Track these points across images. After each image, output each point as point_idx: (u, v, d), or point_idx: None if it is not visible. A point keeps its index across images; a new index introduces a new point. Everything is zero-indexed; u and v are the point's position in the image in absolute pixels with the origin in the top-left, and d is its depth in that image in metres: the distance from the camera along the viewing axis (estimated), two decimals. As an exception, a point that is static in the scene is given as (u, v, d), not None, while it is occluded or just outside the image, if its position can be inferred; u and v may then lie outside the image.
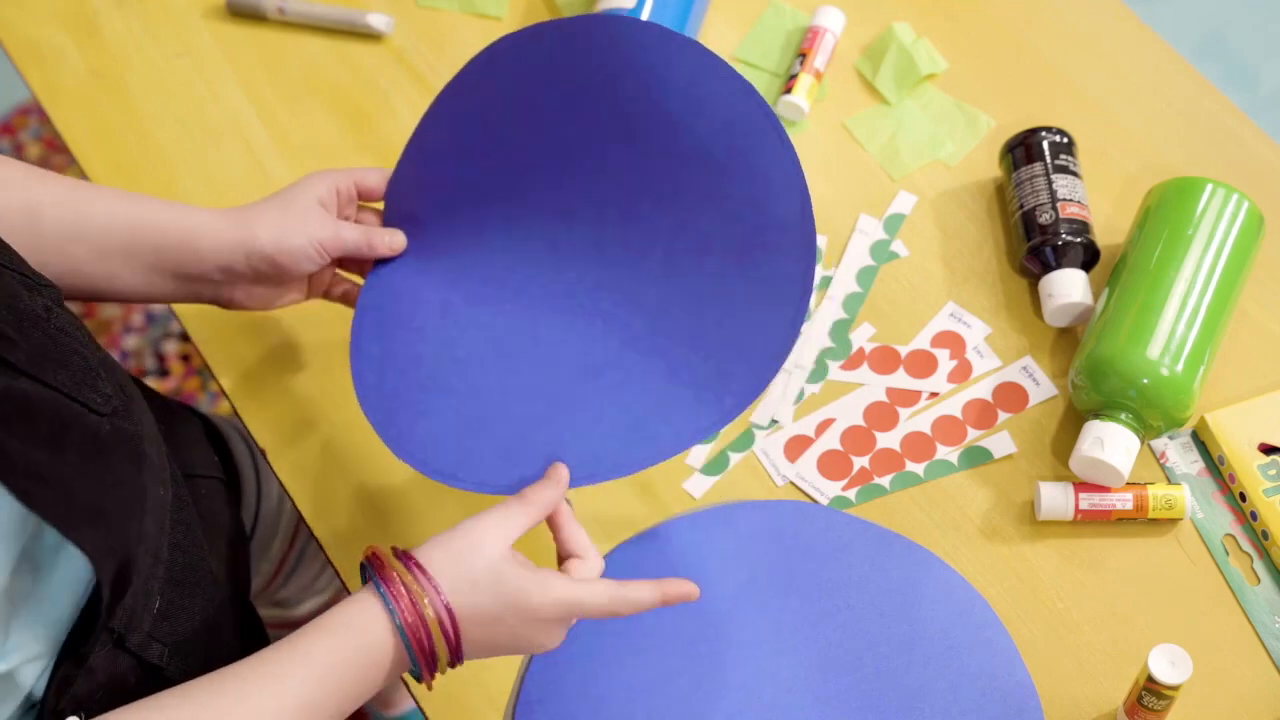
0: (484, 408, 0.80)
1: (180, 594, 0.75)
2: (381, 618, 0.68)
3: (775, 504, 0.87)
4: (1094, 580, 0.85)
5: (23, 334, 0.63)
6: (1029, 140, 0.95)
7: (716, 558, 0.86)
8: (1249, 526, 0.86)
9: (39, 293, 0.69)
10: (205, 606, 0.77)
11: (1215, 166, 0.98)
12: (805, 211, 0.76)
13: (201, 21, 1.08)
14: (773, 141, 0.77)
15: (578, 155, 0.81)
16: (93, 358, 0.69)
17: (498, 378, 0.80)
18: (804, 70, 1.02)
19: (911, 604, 0.83)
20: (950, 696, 0.80)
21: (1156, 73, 1.04)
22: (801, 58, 1.02)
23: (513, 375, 0.80)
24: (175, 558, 0.74)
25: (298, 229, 0.80)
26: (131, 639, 0.69)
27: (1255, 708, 0.80)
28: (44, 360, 0.64)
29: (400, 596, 0.68)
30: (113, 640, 0.67)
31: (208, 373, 0.96)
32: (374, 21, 1.07)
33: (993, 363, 0.92)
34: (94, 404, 0.66)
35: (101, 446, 0.66)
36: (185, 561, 0.76)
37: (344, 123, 1.04)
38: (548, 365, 0.80)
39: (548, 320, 0.81)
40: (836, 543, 0.86)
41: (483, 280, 0.83)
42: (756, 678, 0.81)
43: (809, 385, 0.92)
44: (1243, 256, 0.89)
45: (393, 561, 0.70)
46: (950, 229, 0.98)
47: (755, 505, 0.87)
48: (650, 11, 0.99)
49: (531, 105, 0.81)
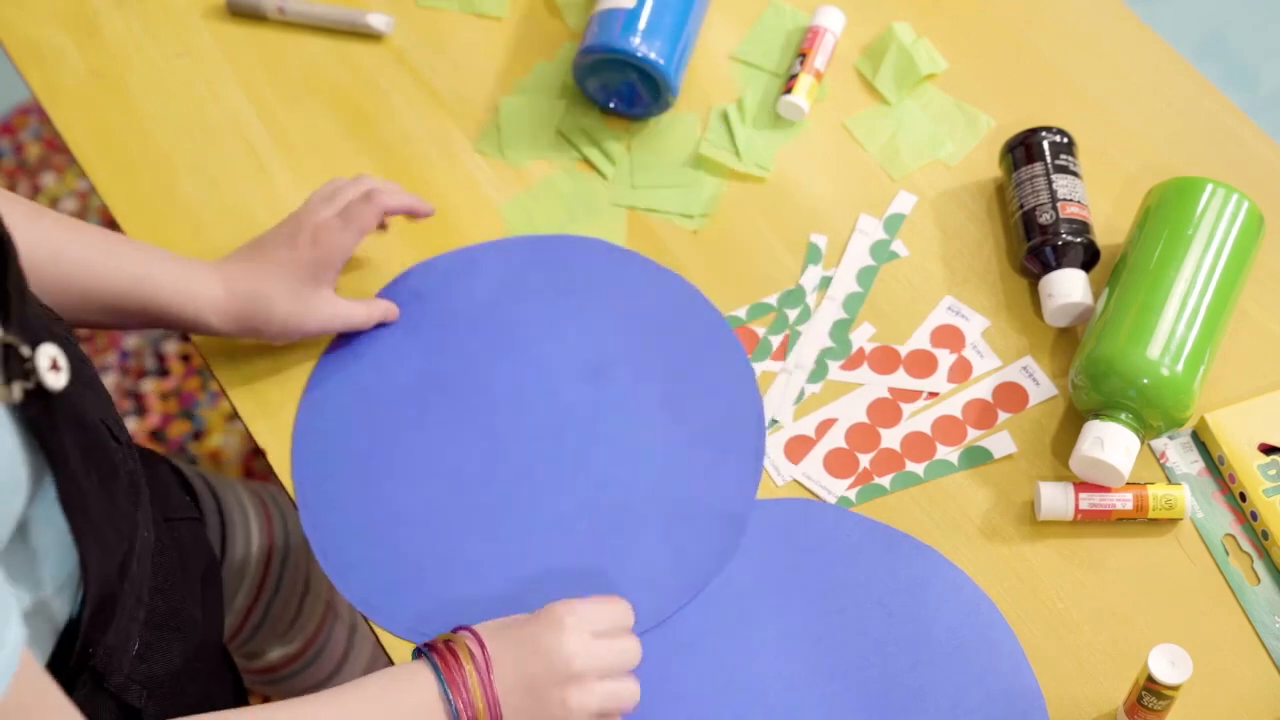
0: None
1: (159, 637, 0.75)
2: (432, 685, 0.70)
3: (783, 503, 0.87)
4: (1094, 580, 0.85)
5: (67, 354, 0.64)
6: (1029, 140, 0.95)
7: (717, 558, 0.86)
8: (1249, 526, 0.86)
9: (54, 316, 0.70)
10: (184, 649, 0.77)
11: (1215, 166, 0.98)
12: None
13: (201, 21, 1.08)
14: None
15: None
16: (103, 390, 0.70)
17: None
18: (804, 70, 1.02)
19: (918, 604, 0.83)
20: (956, 698, 0.80)
21: (1156, 73, 1.04)
22: (801, 58, 1.02)
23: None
24: (156, 601, 0.75)
25: (307, 319, 0.87)
26: (112, 680, 0.69)
27: (1255, 708, 0.80)
28: (83, 383, 0.65)
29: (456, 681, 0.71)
30: (92, 680, 0.67)
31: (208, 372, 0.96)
32: (374, 21, 1.06)
33: (993, 363, 0.92)
34: (116, 432, 0.67)
35: (114, 474, 0.66)
36: (166, 606, 0.76)
37: (344, 123, 1.04)
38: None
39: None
40: (844, 542, 0.86)
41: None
42: (762, 676, 0.81)
43: (809, 385, 0.92)
44: (1243, 256, 0.89)
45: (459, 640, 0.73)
46: (950, 229, 0.98)
47: (763, 504, 0.87)
48: (650, 11, 0.99)
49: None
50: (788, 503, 0.87)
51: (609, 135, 1.02)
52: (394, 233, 0.98)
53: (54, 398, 0.58)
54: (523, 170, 1.01)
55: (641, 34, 0.98)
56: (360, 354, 0.93)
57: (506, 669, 0.72)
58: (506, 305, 0.94)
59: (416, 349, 0.93)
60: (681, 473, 0.88)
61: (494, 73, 1.06)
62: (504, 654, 0.72)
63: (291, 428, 0.91)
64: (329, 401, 0.91)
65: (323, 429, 0.90)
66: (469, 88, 1.05)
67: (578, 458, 0.88)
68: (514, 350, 0.92)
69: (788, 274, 0.96)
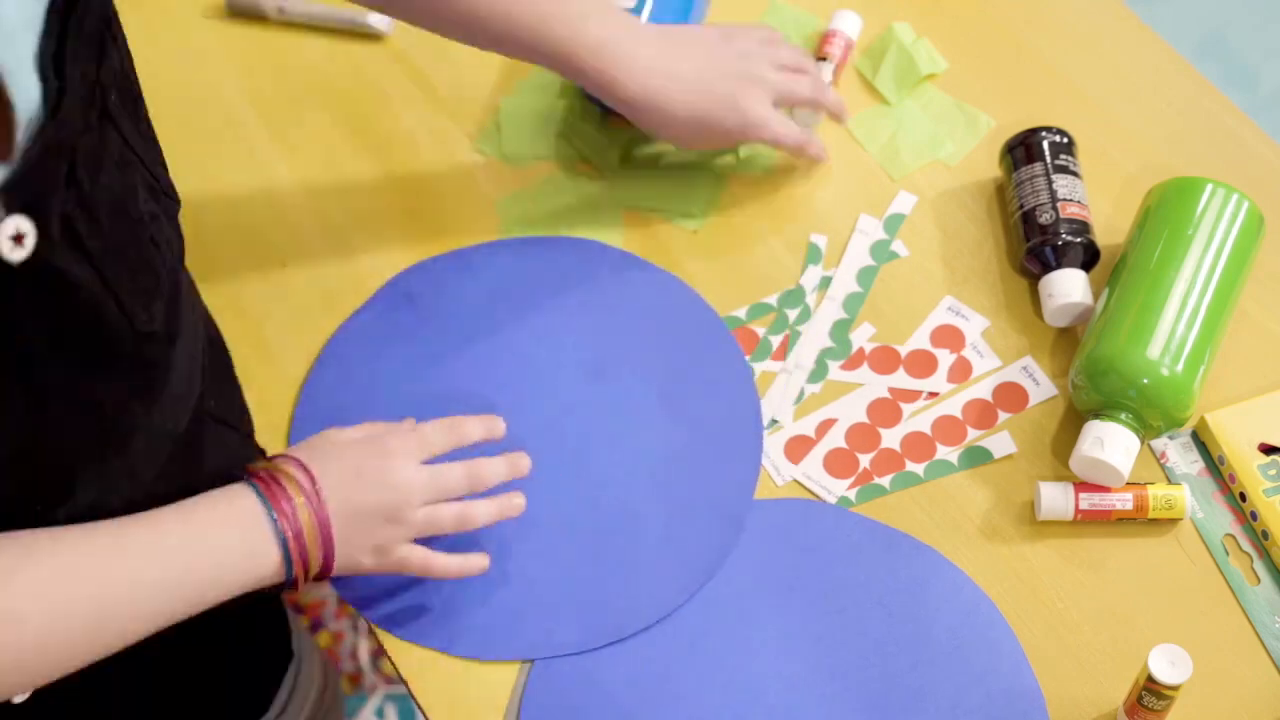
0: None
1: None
2: (260, 516, 0.72)
3: (783, 503, 0.87)
4: (1094, 580, 0.85)
5: (113, 227, 0.63)
6: (1029, 140, 0.95)
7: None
8: (1249, 526, 0.86)
9: (156, 199, 0.69)
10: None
11: (1215, 166, 0.98)
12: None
13: (201, 21, 1.08)
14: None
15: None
16: (166, 280, 0.69)
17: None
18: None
19: (918, 605, 0.83)
20: (956, 698, 0.80)
21: (1156, 73, 1.04)
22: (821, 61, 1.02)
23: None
24: (158, 487, 0.73)
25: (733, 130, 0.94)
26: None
27: (1255, 708, 0.80)
28: (117, 258, 0.63)
29: (283, 506, 0.72)
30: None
31: (208, 373, 0.96)
32: (374, 21, 1.07)
33: (993, 363, 0.92)
34: (139, 320, 0.66)
35: (125, 358, 0.66)
36: (168, 494, 0.74)
37: (344, 123, 1.04)
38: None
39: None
40: (844, 542, 0.86)
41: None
42: (762, 676, 0.81)
43: (809, 385, 0.92)
44: (1243, 256, 0.89)
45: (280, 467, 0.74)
46: (950, 229, 0.98)
47: (763, 504, 0.87)
48: (650, 12, 0.99)
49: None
50: (787, 503, 0.87)
51: (609, 135, 1.02)
52: (393, 233, 0.98)
53: (12, 271, 0.56)
54: (522, 170, 1.01)
55: (641, 34, 0.98)
56: (357, 359, 0.92)
57: (333, 496, 0.74)
58: (505, 306, 0.94)
59: (414, 350, 0.93)
60: (679, 473, 0.88)
61: (494, 73, 1.06)
62: (329, 478, 0.75)
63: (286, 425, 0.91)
64: (326, 405, 0.91)
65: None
66: (469, 88, 1.05)
67: (576, 458, 0.88)
68: (512, 351, 0.92)
69: (788, 274, 0.96)
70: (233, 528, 0.72)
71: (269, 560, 0.72)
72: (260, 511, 0.72)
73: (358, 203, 1.00)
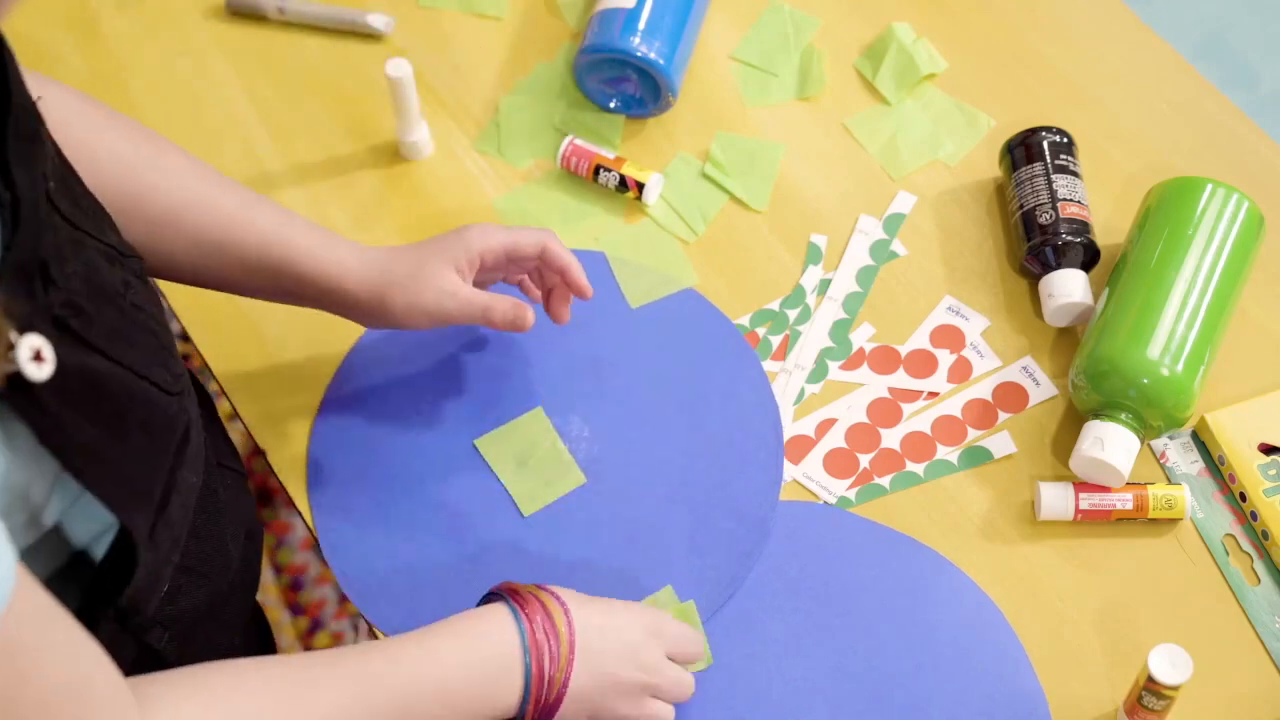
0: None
1: (189, 580, 0.75)
2: (510, 629, 0.72)
3: (786, 505, 0.87)
4: (1094, 580, 0.85)
5: (99, 309, 0.62)
6: (1029, 140, 0.95)
7: (717, 558, 0.86)
8: (1249, 526, 0.86)
9: (120, 265, 0.68)
10: (210, 593, 0.77)
11: (1215, 166, 0.98)
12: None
13: (201, 21, 1.08)
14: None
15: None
16: (164, 336, 0.69)
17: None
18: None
19: (921, 607, 0.83)
20: (958, 699, 0.80)
21: (1156, 73, 1.04)
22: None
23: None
24: (191, 545, 0.74)
25: (427, 301, 0.83)
26: (134, 620, 0.69)
27: (1255, 708, 0.80)
28: (116, 337, 0.63)
29: (534, 615, 0.72)
30: (116, 618, 0.67)
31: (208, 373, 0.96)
32: (374, 21, 1.07)
33: (993, 363, 0.92)
34: (164, 383, 0.66)
35: (162, 426, 0.66)
36: (200, 550, 0.75)
37: (344, 123, 1.04)
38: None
39: None
40: (847, 544, 0.86)
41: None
42: (766, 678, 0.81)
43: (809, 385, 0.92)
44: (1243, 256, 0.89)
45: (530, 588, 0.74)
46: (950, 229, 0.98)
47: (757, 505, 0.87)
48: (650, 11, 0.99)
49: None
50: (787, 504, 0.87)
51: (609, 135, 1.02)
52: (394, 233, 0.98)
53: (41, 387, 0.56)
54: (522, 170, 1.01)
55: (641, 34, 0.98)
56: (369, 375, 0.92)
57: (587, 653, 0.74)
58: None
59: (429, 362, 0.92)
60: (702, 480, 0.87)
61: (494, 73, 1.06)
62: (588, 633, 0.74)
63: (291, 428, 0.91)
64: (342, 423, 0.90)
65: (339, 458, 0.89)
66: (469, 88, 1.05)
67: (597, 469, 0.88)
68: (527, 361, 0.92)
69: (788, 274, 0.96)
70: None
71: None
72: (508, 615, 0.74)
73: (358, 202, 1.00)
